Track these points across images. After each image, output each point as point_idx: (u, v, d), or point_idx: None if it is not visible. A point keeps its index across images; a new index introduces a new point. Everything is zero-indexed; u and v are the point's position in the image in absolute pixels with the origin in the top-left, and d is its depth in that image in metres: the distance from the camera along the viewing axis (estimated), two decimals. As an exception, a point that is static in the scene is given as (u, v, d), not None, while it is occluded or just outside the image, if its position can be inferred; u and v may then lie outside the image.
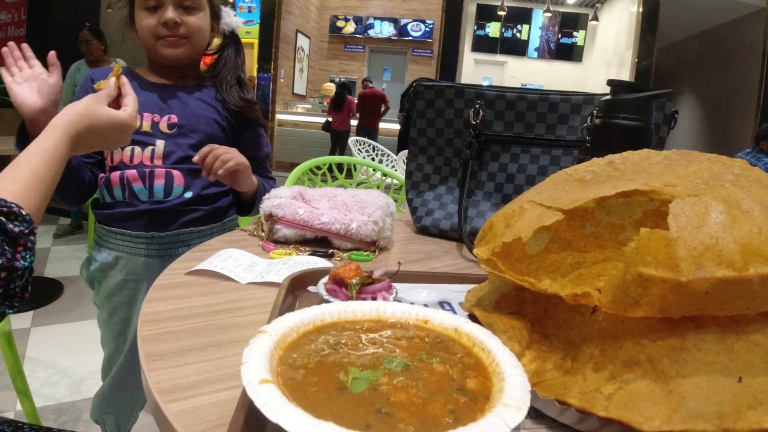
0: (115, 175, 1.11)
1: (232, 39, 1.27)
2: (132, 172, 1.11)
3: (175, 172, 1.13)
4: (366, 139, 5.66)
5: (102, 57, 3.79)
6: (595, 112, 0.92)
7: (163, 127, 1.14)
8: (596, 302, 0.37)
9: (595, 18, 11.51)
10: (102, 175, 1.15)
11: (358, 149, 5.43)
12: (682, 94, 9.81)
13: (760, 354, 0.36)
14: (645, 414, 0.33)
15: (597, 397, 0.35)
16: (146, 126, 1.12)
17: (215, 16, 1.22)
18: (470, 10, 11.41)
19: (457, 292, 0.64)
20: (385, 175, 2.11)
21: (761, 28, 7.70)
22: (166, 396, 0.41)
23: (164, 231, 1.12)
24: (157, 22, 1.11)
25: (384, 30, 11.78)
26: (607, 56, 10.90)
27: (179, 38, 1.12)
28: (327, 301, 0.56)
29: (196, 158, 1.05)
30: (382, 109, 7.90)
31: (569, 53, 12.55)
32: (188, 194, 1.14)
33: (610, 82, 0.79)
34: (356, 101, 7.97)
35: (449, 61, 6.25)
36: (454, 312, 0.58)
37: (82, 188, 1.13)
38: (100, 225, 1.17)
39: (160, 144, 1.12)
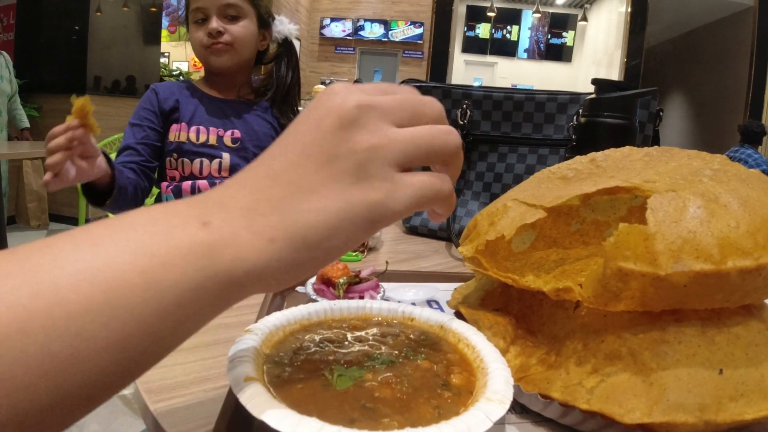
0: (187, 185, 1.16)
1: (285, 47, 1.30)
2: (203, 183, 1.16)
3: None
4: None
5: None
6: (580, 111, 0.93)
7: (227, 141, 1.19)
8: (578, 297, 0.37)
9: (584, 18, 11.58)
10: (166, 183, 1.19)
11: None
12: (671, 92, 9.89)
13: (742, 346, 0.36)
14: (626, 406, 0.34)
15: (579, 390, 0.35)
16: (212, 140, 1.18)
17: (264, 24, 1.25)
18: (460, 12, 11.45)
19: (445, 291, 0.64)
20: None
21: (749, 26, 7.79)
22: (153, 396, 0.41)
23: None
24: (204, 33, 1.17)
25: (374, 32, 11.79)
26: (597, 56, 10.97)
27: (223, 45, 1.17)
28: (314, 301, 0.56)
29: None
30: None
31: (559, 54, 12.62)
32: None
33: (595, 81, 0.80)
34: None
35: (440, 63, 6.28)
36: (442, 310, 0.58)
37: (133, 202, 1.12)
38: None
39: (226, 157, 1.18)
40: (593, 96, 0.79)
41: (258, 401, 0.30)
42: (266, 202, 0.28)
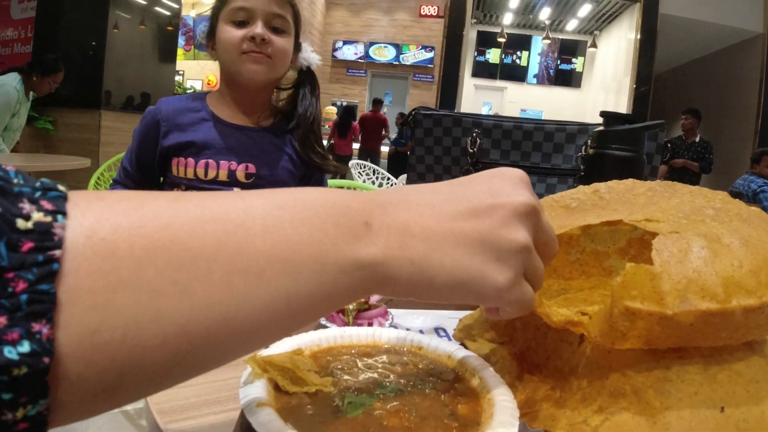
0: None
1: (308, 75, 1.21)
2: None
3: None
4: (367, 163, 5.70)
5: None
6: (589, 141, 0.94)
7: (240, 176, 1.08)
8: (585, 332, 0.38)
9: (594, 45, 11.68)
10: None
11: (359, 172, 5.46)
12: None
13: (742, 383, 0.37)
14: (630, 444, 0.34)
15: (584, 428, 0.36)
16: (222, 175, 1.07)
17: (297, 47, 1.17)
18: (471, 37, 11.57)
19: (452, 319, 0.65)
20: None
21: (759, 53, 7.82)
22: (165, 417, 0.42)
23: None
24: (244, 36, 1.05)
25: (386, 55, 11.93)
26: (606, 82, 11.03)
27: (264, 56, 1.07)
28: (324, 326, 0.57)
29: None
30: (383, 133, 7.89)
31: (568, 79, 12.71)
32: None
33: (603, 114, 0.81)
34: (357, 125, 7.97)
35: (449, 87, 6.33)
36: (449, 338, 0.59)
37: None
38: None
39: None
40: (601, 128, 0.81)
41: (270, 427, 0.31)
42: (421, 229, 0.31)
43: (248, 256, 0.25)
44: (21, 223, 0.19)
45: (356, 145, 7.82)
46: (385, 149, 8.05)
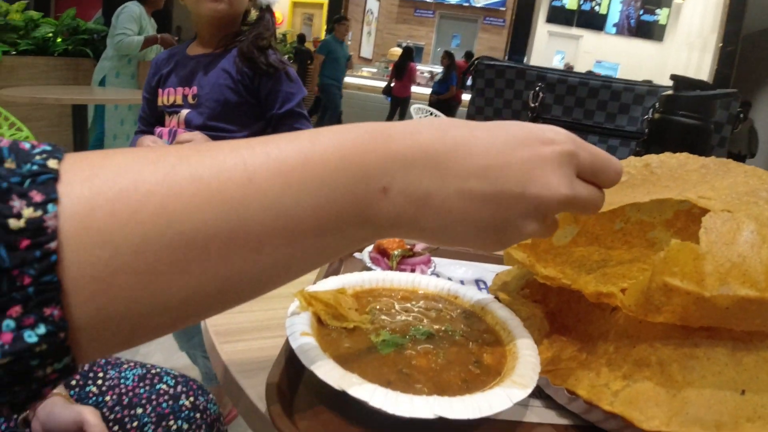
0: (156, 132, 1.29)
1: (267, 11, 1.32)
2: (163, 130, 1.27)
3: (197, 133, 1.23)
4: (427, 107, 5.61)
5: None
6: (656, 105, 0.91)
7: (190, 98, 1.25)
8: (619, 303, 0.39)
9: (683, -4, 10.84)
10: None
11: (420, 117, 5.41)
12: (766, 86, 9.20)
13: None
14: (647, 413, 0.35)
15: (605, 391, 0.37)
16: (179, 99, 1.25)
17: None
18: (549, -21, 10.96)
19: (494, 272, 0.66)
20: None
21: None
22: (221, 338, 0.46)
23: None
24: None
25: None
26: (690, 38, 10.29)
27: None
28: (369, 269, 0.60)
29: None
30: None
31: (650, 32, 11.92)
32: None
33: (674, 77, 0.78)
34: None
35: (521, 32, 6.07)
36: (488, 291, 0.61)
37: None
38: None
39: (183, 112, 1.25)
40: (670, 92, 0.78)
41: (310, 354, 0.35)
42: (441, 202, 0.31)
43: (246, 233, 0.25)
44: (13, 223, 0.20)
45: (415, 89, 7.66)
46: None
